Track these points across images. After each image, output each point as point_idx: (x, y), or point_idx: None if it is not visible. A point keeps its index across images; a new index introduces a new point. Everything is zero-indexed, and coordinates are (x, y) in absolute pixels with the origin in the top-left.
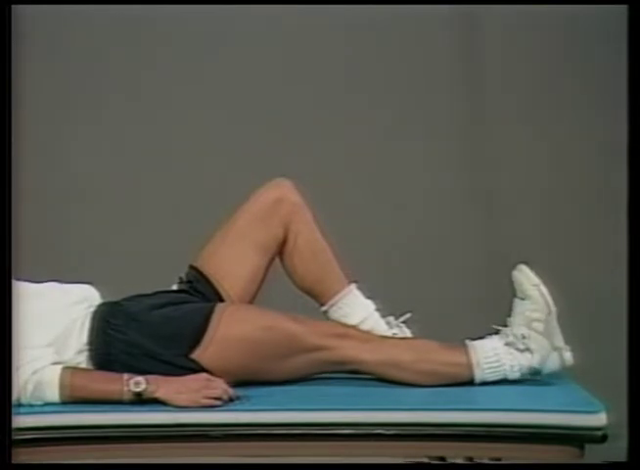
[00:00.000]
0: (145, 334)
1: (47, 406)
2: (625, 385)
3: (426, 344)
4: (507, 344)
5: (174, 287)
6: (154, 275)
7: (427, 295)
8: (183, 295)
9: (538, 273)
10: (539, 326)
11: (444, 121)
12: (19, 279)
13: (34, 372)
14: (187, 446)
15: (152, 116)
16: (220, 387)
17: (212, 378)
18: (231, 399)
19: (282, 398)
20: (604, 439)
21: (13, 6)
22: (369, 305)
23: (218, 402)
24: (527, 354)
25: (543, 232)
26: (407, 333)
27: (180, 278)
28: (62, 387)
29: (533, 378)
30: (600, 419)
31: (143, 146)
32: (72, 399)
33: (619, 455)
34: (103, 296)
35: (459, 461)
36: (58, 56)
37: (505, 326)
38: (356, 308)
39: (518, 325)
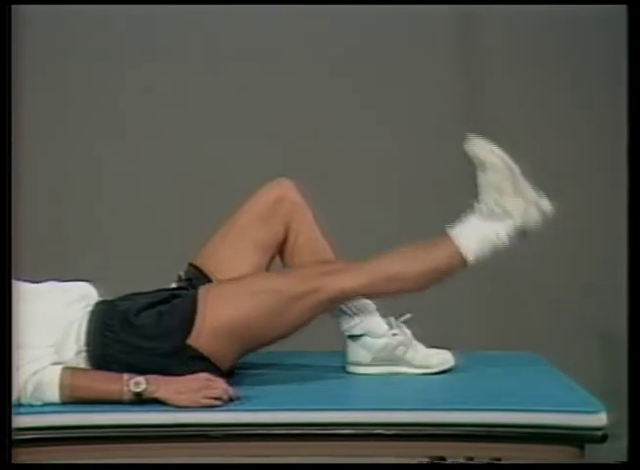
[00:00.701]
0: (139, 334)
1: (47, 406)
2: (625, 385)
3: (408, 249)
4: (484, 216)
5: (173, 285)
6: (153, 274)
7: (427, 295)
8: (181, 292)
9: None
10: (508, 187)
11: (445, 122)
12: (18, 279)
13: (34, 372)
14: (187, 446)
15: (152, 115)
16: (220, 387)
17: (213, 378)
18: (231, 399)
19: (282, 398)
20: (604, 439)
21: (13, 6)
22: (369, 305)
23: (218, 402)
24: (507, 218)
25: (544, 231)
26: (407, 333)
27: (179, 276)
28: (62, 387)
29: (521, 241)
30: (600, 419)
31: (143, 145)
32: (72, 400)
33: (619, 455)
34: (102, 294)
35: (459, 461)
36: (58, 56)
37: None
38: (356, 309)
39: (487, 194)
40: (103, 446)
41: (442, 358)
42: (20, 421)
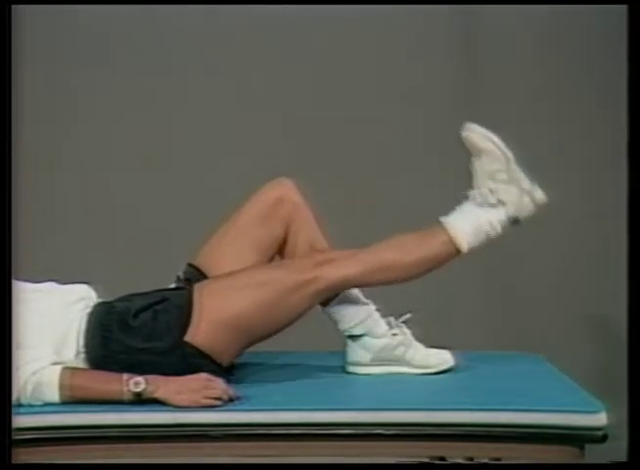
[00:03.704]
0: (137, 335)
1: (47, 406)
2: (625, 385)
3: (403, 238)
4: (478, 204)
5: (172, 286)
6: (152, 274)
7: (427, 295)
8: (178, 291)
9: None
10: (503, 176)
11: (445, 122)
12: (18, 279)
13: (34, 373)
14: (187, 446)
15: (151, 115)
16: (220, 387)
17: (212, 378)
18: (231, 399)
19: (281, 397)
20: (604, 439)
21: (13, 6)
22: (369, 305)
23: (218, 402)
24: (501, 207)
25: (544, 232)
26: (407, 333)
27: (178, 276)
28: (61, 387)
29: (513, 226)
30: (600, 419)
31: (142, 145)
32: (72, 400)
33: (619, 455)
34: (101, 295)
35: (459, 461)
36: (58, 56)
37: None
38: (356, 309)
39: (482, 182)
40: (103, 446)
41: (442, 358)
42: (20, 421)
